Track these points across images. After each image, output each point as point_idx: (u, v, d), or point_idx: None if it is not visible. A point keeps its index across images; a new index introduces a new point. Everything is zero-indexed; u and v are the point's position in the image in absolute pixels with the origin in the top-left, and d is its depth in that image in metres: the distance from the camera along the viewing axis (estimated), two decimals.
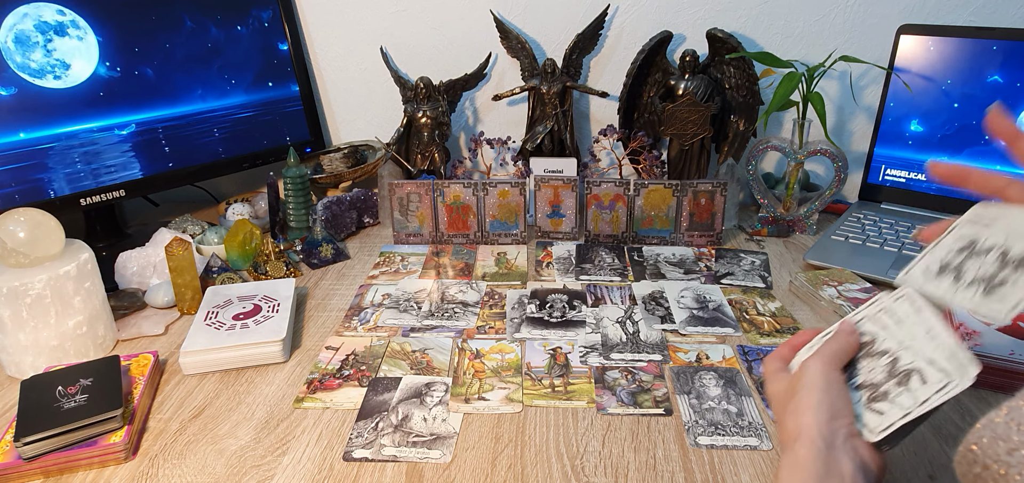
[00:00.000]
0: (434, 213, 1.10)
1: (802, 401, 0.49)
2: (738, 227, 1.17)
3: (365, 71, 1.35)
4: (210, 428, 0.69)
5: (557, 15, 1.27)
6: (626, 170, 1.29)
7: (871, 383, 0.51)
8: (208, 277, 0.96)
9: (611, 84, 1.30)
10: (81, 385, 0.67)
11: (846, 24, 1.20)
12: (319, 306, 0.93)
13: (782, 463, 0.48)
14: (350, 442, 0.66)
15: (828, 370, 0.51)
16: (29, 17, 0.97)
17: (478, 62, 1.31)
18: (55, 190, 1.02)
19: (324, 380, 0.76)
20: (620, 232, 1.10)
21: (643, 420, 0.69)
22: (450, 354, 0.80)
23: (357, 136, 1.41)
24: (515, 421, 0.69)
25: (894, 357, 0.51)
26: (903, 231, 1.07)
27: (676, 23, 1.24)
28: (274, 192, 1.10)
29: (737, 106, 1.21)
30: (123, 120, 1.08)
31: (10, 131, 0.98)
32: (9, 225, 0.74)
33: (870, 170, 1.18)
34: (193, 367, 0.78)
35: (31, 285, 0.73)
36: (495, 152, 1.31)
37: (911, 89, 1.11)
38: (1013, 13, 1.14)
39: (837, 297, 0.88)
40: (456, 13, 1.29)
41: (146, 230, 1.08)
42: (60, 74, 1.01)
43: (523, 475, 0.62)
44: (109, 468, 0.64)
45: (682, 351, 0.80)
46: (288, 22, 1.26)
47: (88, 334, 0.80)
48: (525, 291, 0.95)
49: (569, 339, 0.83)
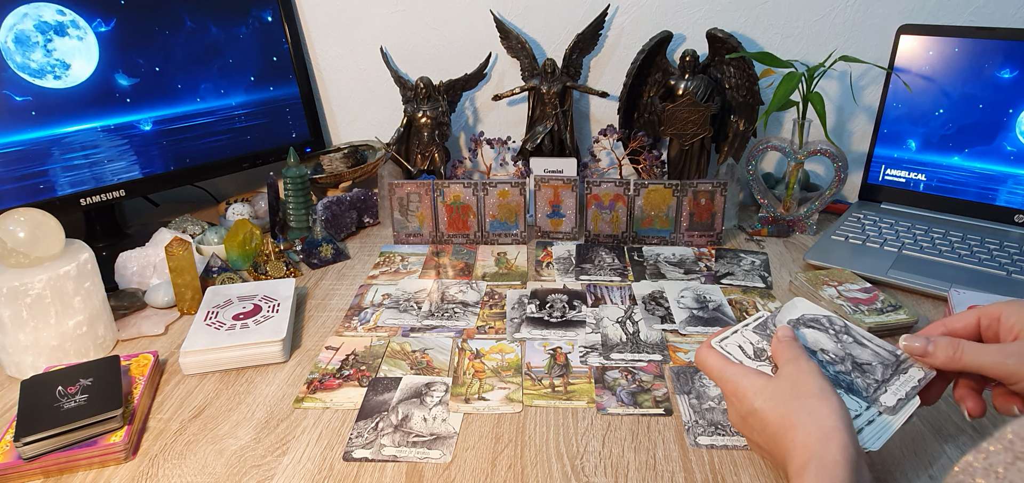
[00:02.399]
0: (434, 213, 1.10)
1: (821, 406, 0.51)
2: (738, 227, 1.17)
3: (365, 71, 1.35)
4: (210, 428, 0.69)
5: (557, 15, 1.27)
6: (626, 170, 1.29)
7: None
8: (208, 277, 0.96)
9: (611, 84, 1.30)
10: (81, 385, 0.67)
11: (846, 24, 1.20)
12: (319, 306, 0.93)
13: (809, 466, 0.48)
14: (350, 442, 0.66)
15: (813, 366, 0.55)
16: (29, 17, 0.97)
17: (478, 62, 1.31)
18: (55, 190, 1.02)
19: (324, 380, 0.76)
20: (620, 232, 1.10)
21: (643, 420, 0.69)
22: (450, 354, 0.80)
23: (357, 136, 1.41)
24: (515, 421, 0.69)
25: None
26: (903, 231, 1.07)
27: (676, 23, 1.24)
28: (274, 192, 1.10)
29: (737, 106, 1.21)
30: (123, 120, 1.08)
31: (10, 131, 0.98)
32: (9, 225, 0.74)
33: (870, 170, 1.18)
34: (193, 367, 0.78)
35: (31, 285, 0.73)
36: (495, 152, 1.31)
37: (911, 89, 1.11)
38: (1013, 13, 1.14)
39: (837, 297, 0.88)
40: (456, 13, 1.29)
41: (146, 230, 1.08)
42: (60, 74, 1.01)
43: (523, 475, 0.62)
44: (109, 468, 0.64)
45: (682, 351, 0.80)
46: (288, 22, 1.26)
47: (88, 334, 0.80)
48: (525, 291, 0.95)
49: (569, 339, 0.83)
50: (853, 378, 0.57)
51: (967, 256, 0.99)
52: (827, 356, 0.59)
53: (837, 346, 0.60)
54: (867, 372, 0.57)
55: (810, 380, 0.53)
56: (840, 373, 0.58)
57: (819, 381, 0.53)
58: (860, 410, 0.55)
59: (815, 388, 0.52)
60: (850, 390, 0.57)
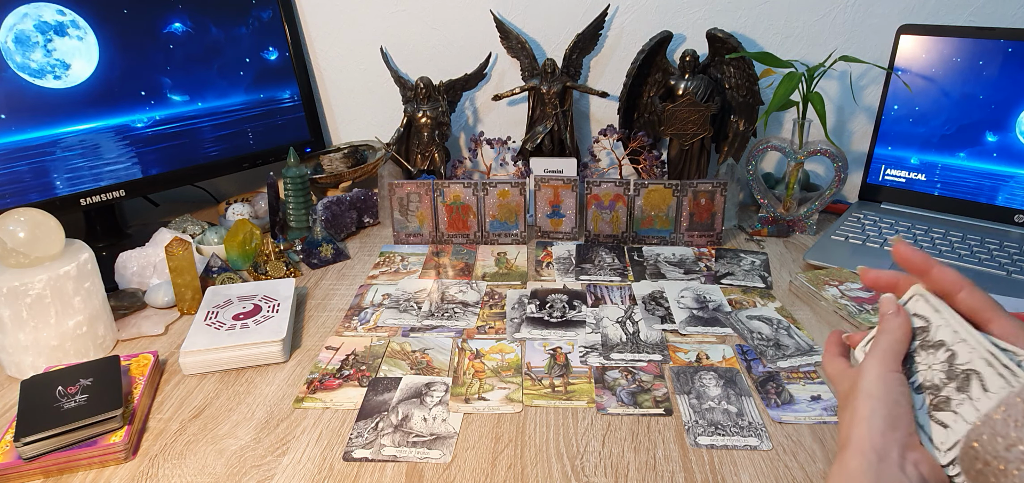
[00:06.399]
0: (434, 213, 1.10)
1: (859, 409, 0.46)
2: (738, 227, 1.17)
3: (365, 71, 1.35)
4: (210, 428, 0.69)
5: (557, 15, 1.27)
6: (626, 170, 1.29)
7: (932, 384, 0.46)
8: (208, 277, 0.96)
9: (611, 84, 1.30)
10: (81, 385, 0.67)
11: (846, 24, 1.20)
12: (319, 306, 0.93)
13: (833, 468, 0.46)
14: (350, 442, 0.66)
15: (886, 371, 0.46)
16: (29, 17, 0.97)
17: (478, 62, 1.31)
18: (55, 190, 1.02)
19: (324, 380, 0.76)
20: (620, 232, 1.10)
21: (643, 420, 0.69)
22: (450, 354, 0.80)
23: (357, 136, 1.41)
24: (515, 421, 0.69)
25: (950, 352, 0.46)
26: (903, 231, 1.07)
27: (676, 23, 1.24)
28: (274, 192, 1.10)
29: (737, 106, 1.21)
30: (123, 120, 1.08)
31: (10, 131, 0.98)
32: (9, 225, 0.74)
33: (870, 170, 1.18)
34: (193, 367, 0.78)
35: (31, 285, 0.73)
36: (495, 152, 1.31)
37: (911, 89, 1.11)
38: (1013, 13, 1.14)
39: (840, 297, 0.88)
40: (456, 13, 1.29)
41: (146, 230, 1.08)
42: (60, 74, 1.01)
43: (523, 475, 0.62)
44: (109, 468, 0.64)
45: (682, 351, 0.80)
46: (288, 22, 1.26)
47: (88, 334, 0.80)
48: (525, 291, 0.95)
49: (569, 339, 0.83)
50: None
51: (967, 256, 0.99)
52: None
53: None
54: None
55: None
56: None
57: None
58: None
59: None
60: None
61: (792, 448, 0.64)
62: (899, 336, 0.49)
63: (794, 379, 0.75)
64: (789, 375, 0.75)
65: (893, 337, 0.48)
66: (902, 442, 0.44)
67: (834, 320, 0.87)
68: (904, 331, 0.49)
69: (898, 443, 0.44)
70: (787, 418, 0.68)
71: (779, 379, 0.75)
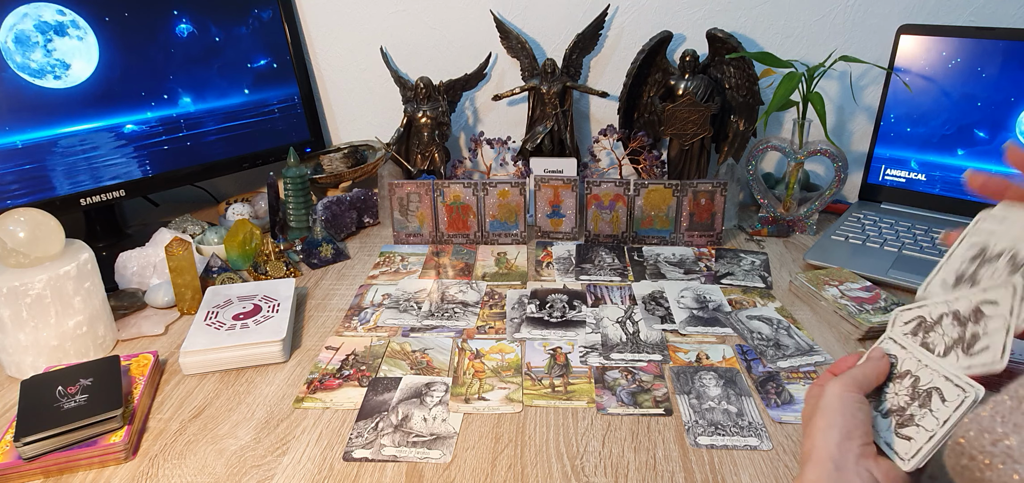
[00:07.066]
0: (434, 213, 1.10)
1: (816, 423, 0.49)
2: (738, 227, 1.17)
3: (365, 71, 1.35)
4: (210, 428, 0.69)
5: (557, 15, 1.27)
6: (626, 170, 1.29)
7: (898, 407, 0.51)
8: (208, 277, 0.96)
9: (611, 84, 1.30)
10: (81, 385, 0.67)
11: (846, 24, 1.20)
12: (319, 306, 0.93)
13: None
14: (350, 442, 0.66)
15: (844, 391, 0.50)
16: (29, 17, 0.97)
17: (478, 62, 1.31)
18: (55, 190, 1.02)
19: (324, 380, 0.76)
20: (620, 232, 1.10)
21: (643, 420, 0.69)
22: (450, 354, 0.80)
23: (357, 136, 1.41)
24: (515, 421, 0.69)
25: (915, 377, 0.51)
26: (903, 231, 1.07)
27: (676, 23, 1.24)
28: (274, 192, 1.10)
29: (737, 106, 1.21)
30: (123, 120, 1.08)
31: (10, 131, 0.98)
32: (9, 225, 0.74)
33: (870, 170, 1.18)
34: (193, 367, 0.78)
35: (31, 285, 0.73)
36: (495, 152, 1.31)
37: (911, 89, 1.11)
38: (1013, 13, 1.14)
39: (840, 297, 0.88)
40: (456, 13, 1.29)
41: (146, 230, 1.08)
42: (60, 74, 1.01)
43: (523, 475, 0.62)
44: (109, 468, 0.64)
45: (682, 351, 0.80)
46: (288, 22, 1.26)
47: (88, 334, 0.80)
48: (525, 291, 0.95)
49: (569, 339, 0.83)
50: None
51: None
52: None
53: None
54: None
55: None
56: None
57: None
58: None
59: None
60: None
61: (792, 448, 0.64)
62: (869, 372, 0.53)
63: (794, 379, 0.75)
64: (789, 375, 0.75)
65: (863, 371, 0.53)
66: (857, 452, 0.47)
67: (834, 320, 0.87)
68: (877, 371, 0.53)
69: (853, 452, 0.47)
70: (787, 418, 0.68)
71: (779, 379, 0.75)
